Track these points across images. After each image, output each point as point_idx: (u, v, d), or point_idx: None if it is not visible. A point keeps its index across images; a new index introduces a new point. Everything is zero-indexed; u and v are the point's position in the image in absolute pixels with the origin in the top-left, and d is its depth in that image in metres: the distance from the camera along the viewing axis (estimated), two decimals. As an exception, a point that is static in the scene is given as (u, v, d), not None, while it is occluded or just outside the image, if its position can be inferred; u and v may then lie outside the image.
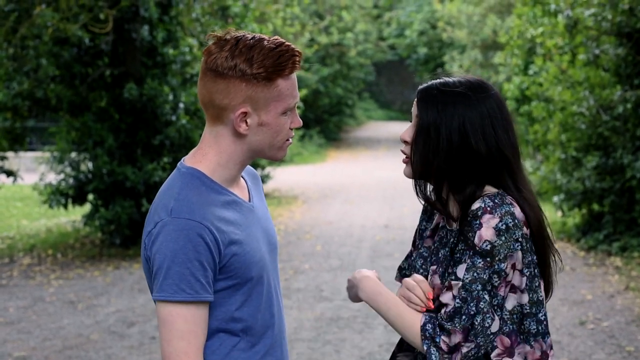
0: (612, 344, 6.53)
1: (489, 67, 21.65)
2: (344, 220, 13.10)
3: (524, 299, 2.16)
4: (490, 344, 2.13)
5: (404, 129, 2.31)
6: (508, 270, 2.12)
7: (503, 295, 2.13)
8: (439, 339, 2.11)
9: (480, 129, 2.17)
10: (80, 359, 6.37)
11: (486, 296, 2.10)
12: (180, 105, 10.83)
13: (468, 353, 2.11)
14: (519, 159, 2.24)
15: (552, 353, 2.22)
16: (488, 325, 2.10)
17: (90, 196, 11.24)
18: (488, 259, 2.10)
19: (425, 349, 2.13)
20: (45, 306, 8.01)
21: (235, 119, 2.11)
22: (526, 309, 2.16)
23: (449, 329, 2.10)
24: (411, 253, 2.43)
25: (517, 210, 2.14)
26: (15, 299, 8.31)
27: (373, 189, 17.10)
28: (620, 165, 10.06)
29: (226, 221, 2.10)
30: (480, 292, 2.10)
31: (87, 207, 11.81)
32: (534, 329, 2.18)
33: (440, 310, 2.16)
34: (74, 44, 10.67)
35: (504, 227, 2.10)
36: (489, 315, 2.10)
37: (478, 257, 2.11)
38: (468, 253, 2.13)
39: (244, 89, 2.08)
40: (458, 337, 2.10)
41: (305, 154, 24.26)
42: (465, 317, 2.10)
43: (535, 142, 12.36)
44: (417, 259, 2.33)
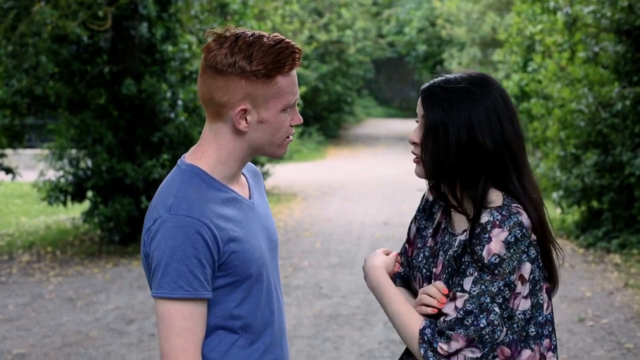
0: (611, 341, 6.53)
1: (488, 65, 21.63)
2: (343, 218, 13.10)
3: (527, 305, 2.16)
4: (492, 352, 2.12)
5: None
6: (517, 282, 2.12)
7: (512, 307, 2.13)
8: (437, 344, 2.10)
9: (487, 123, 2.17)
10: (79, 356, 6.37)
11: (496, 309, 2.09)
12: (179, 102, 10.83)
13: None
14: (524, 151, 2.24)
15: (551, 355, 2.20)
16: (497, 337, 2.10)
17: (90, 193, 11.23)
18: (496, 272, 2.09)
19: (422, 352, 2.12)
20: (45, 303, 8.01)
21: (235, 116, 2.10)
22: (528, 314, 2.16)
23: (449, 335, 2.09)
24: (406, 250, 2.41)
25: (524, 217, 2.13)
26: (15, 296, 8.31)
27: (372, 186, 17.09)
28: (620, 163, 10.05)
29: (225, 218, 2.10)
30: (490, 305, 2.09)
31: (86, 204, 11.80)
32: (533, 332, 2.18)
33: (440, 319, 2.15)
34: (72, 42, 10.67)
35: (513, 240, 2.10)
36: (499, 328, 2.10)
37: (486, 270, 2.10)
38: (474, 266, 2.12)
39: (243, 86, 2.07)
40: (459, 344, 2.09)
41: (305, 151, 24.23)
42: (472, 329, 2.08)
43: (534, 140, 12.34)
44: (421, 258, 2.32)
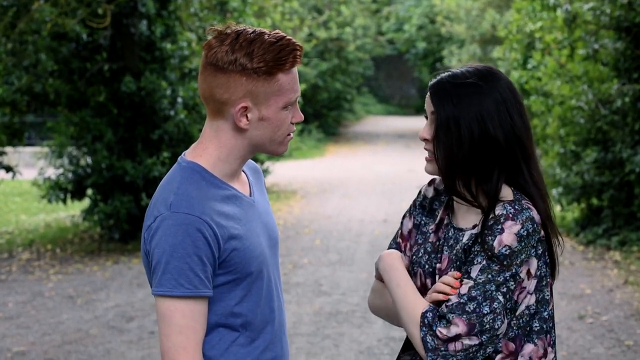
0: (611, 338, 6.54)
1: (488, 62, 21.60)
2: (342, 215, 13.10)
3: (532, 300, 2.17)
4: (494, 345, 2.12)
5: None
6: (523, 276, 2.14)
7: (517, 300, 2.14)
8: (436, 328, 2.10)
9: (497, 116, 2.18)
10: (79, 353, 6.37)
11: (500, 297, 2.10)
12: (179, 100, 10.82)
13: (470, 349, 2.09)
14: (532, 142, 2.25)
15: (550, 350, 2.21)
16: (497, 326, 2.10)
17: (89, 191, 11.22)
18: (505, 263, 2.10)
19: (421, 335, 2.12)
20: (44, 301, 8.01)
21: (236, 113, 2.10)
22: (532, 309, 2.17)
23: (449, 319, 2.09)
24: (398, 245, 2.41)
25: (535, 213, 2.16)
26: (14, 294, 8.30)
27: (372, 184, 17.08)
28: (619, 159, 10.05)
29: (226, 216, 2.09)
30: (494, 293, 2.10)
31: (86, 202, 11.79)
32: (537, 326, 2.19)
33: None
34: (72, 39, 10.66)
35: (525, 234, 2.12)
36: (500, 317, 2.10)
37: (495, 260, 2.11)
38: (482, 255, 2.13)
39: (244, 84, 2.07)
40: (459, 329, 2.08)
41: (304, 149, 24.23)
42: (474, 315, 2.08)
43: (534, 137, 12.34)
44: (422, 254, 2.32)
